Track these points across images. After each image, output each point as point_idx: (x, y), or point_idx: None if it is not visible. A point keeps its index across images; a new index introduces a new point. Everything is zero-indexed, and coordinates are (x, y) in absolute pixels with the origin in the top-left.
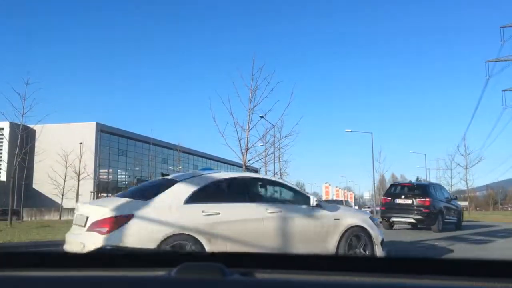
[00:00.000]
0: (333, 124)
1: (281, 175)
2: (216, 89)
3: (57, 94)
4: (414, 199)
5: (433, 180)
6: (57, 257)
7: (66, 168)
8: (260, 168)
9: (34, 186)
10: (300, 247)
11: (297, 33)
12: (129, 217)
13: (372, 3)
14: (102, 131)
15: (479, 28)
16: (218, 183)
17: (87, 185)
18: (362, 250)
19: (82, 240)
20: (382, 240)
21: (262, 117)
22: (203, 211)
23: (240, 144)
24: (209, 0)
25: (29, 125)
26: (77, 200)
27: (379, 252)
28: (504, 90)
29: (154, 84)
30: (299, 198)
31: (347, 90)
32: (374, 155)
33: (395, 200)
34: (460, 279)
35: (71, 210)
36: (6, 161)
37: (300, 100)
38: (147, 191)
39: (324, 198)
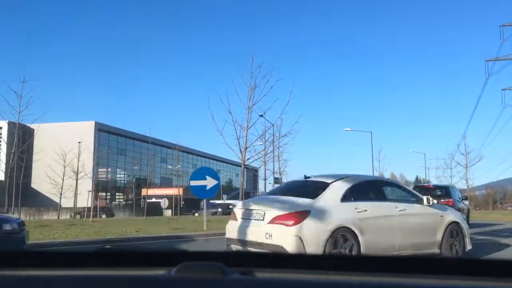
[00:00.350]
0: (333, 123)
1: (280, 174)
2: (215, 87)
3: (56, 93)
4: (438, 200)
5: (433, 179)
6: (57, 256)
7: (64, 167)
8: (260, 167)
9: (32, 185)
10: (418, 239)
11: (297, 32)
12: (307, 212)
13: (371, 3)
14: (101, 130)
15: (478, 27)
16: (362, 185)
17: (86, 185)
18: (457, 243)
19: (268, 231)
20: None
21: (261, 116)
22: (356, 208)
23: (239, 143)
24: (209, 0)
25: (27, 124)
26: (75, 200)
27: (468, 243)
28: (504, 89)
29: (153, 83)
30: (415, 198)
31: (346, 88)
32: (373, 154)
33: None
34: (460, 279)
35: (69, 209)
36: (4, 161)
37: (300, 99)
38: (306, 191)
39: None
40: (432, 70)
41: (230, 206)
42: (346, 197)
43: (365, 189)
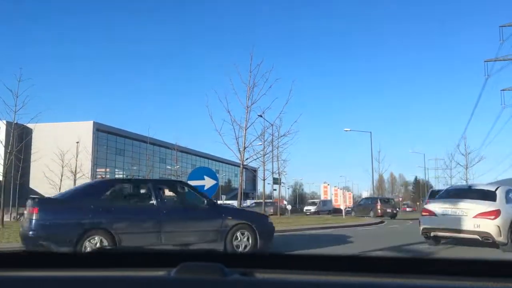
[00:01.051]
0: (332, 123)
1: (279, 174)
2: (214, 87)
3: (54, 93)
4: None
5: (432, 180)
6: (56, 257)
7: (62, 167)
8: (259, 168)
9: (30, 185)
10: None
11: (297, 31)
12: (500, 210)
13: (372, 3)
14: (99, 130)
15: (478, 27)
16: (510, 190)
17: None
18: None
19: (475, 222)
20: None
21: (260, 116)
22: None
23: (238, 143)
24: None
25: (25, 124)
26: None
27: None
28: (503, 90)
29: (151, 83)
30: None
31: (346, 88)
32: (373, 154)
33: None
34: (460, 279)
35: None
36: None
37: (299, 99)
38: (483, 196)
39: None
40: (431, 70)
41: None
42: (507, 200)
43: (509, 194)
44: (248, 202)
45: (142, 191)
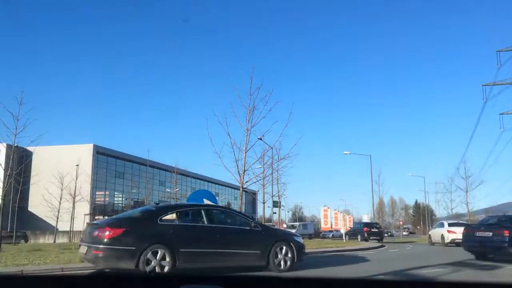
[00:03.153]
0: (332, 147)
1: (279, 197)
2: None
3: (55, 116)
4: None
5: (432, 204)
6: (55, 280)
7: (61, 190)
8: (258, 190)
9: (29, 208)
10: None
11: (297, 53)
12: None
13: (371, 25)
14: (99, 153)
15: (476, 52)
16: None
17: (83, 208)
18: None
19: None
20: None
21: (260, 139)
22: None
23: (238, 165)
24: (209, 18)
25: (25, 147)
26: (72, 223)
27: None
28: (502, 113)
29: (151, 106)
30: None
31: (346, 113)
32: (373, 177)
33: None
34: None
35: (66, 233)
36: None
37: (299, 122)
38: None
39: (322, 222)
40: (430, 94)
41: None
42: None
43: None
44: None
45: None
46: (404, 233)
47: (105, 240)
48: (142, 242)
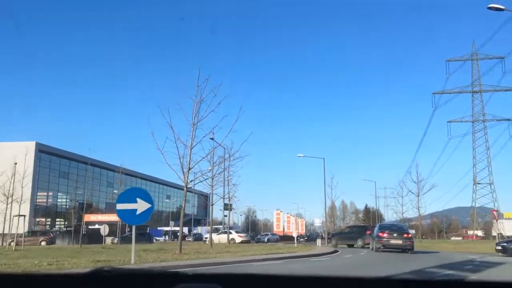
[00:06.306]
0: (285, 149)
1: (229, 200)
2: (159, 103)
3: None
4: None
5: (382, 208)
6: (51, 279)
7: None
8: (209, 193)
9: None
10: None
11: (250, 52)
12: None
13: (327, 32)
14: (42, 151)
15: (426, 61)
16: None
17: (23, 210)
18: None
19: None
20: None
21: (212, 138)
22: None
23: (181, 163)
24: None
25: None
26: (10, 225)
27: None
28: (450, 121)
29: (96, 104)
30: None
31: (299, 115)
32: (326, 180)
33: None
34: None
35: (5, 236)
36: None
37: (251, 124)
38: None
39: (275, 225)
40: (383, 100)
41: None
42: None
43: None
44: (199, 229)
45: None
46: None
47: None
48: None
